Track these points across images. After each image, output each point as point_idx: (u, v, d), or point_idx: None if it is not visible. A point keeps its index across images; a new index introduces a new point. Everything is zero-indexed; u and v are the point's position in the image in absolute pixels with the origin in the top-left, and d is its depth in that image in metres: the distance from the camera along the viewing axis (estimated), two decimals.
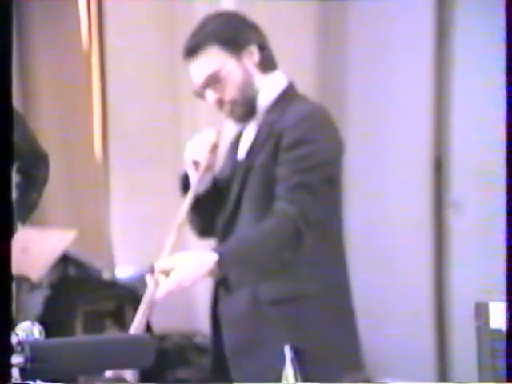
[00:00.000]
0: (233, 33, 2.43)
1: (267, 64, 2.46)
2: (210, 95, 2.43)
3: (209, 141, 2.43)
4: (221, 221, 2.47)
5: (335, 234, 2.48)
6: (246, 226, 2.40)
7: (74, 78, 4.34)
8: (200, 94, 2.47)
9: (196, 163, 2.42)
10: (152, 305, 2.12)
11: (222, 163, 2.60)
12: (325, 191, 2.36)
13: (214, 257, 2.20)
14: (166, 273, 2.17)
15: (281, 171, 2.35)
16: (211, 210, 2.39)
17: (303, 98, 2.49)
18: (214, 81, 2.41)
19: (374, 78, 4.75)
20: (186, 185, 2.47)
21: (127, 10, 4.44)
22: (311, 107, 2.47)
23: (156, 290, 2.15)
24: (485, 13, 4.15)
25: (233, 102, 2.42)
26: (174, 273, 2.16)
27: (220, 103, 2.43)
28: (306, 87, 2.55)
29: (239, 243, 2.34)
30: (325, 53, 4.92)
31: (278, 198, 2.33)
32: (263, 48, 2.45)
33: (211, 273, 2.22)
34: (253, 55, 2.43)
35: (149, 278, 2.19)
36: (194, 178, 2.43)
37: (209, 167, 2.45)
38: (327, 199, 2.38)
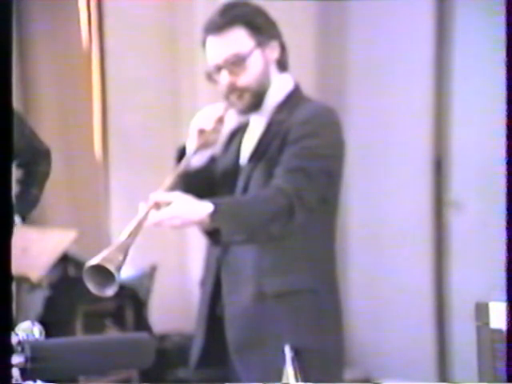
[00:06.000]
0: (262, 23, 2.45)
1: (282, 64, 2.50)
2: (224, 77, 2.42)
3: (217, 112, 2.45)
4: None
5: (331, 228, 2.50)
6: None
7: (74, 77, 4.34)
8: (211, 76, 2.46)
9: (201, 131, 2.43)
10: (137, 231, 2.08)
11: (221, 153, 2.61)
12: (322, 181, 2.39)
13: (210, 207, 2.23)
14: (159, 206, 2.19)
15: (282, 158, 2.39)
16: (197, 189, 2.38)
17: (310, 100, 2.53)
18: (235, 62, 2.40)
19: (373, 79, 4.75)
20: (182, 157, 2.47)
21: (127, 9, 4.44)
22: (318, 107, 2.51)
23: (145, 219, 2.14)
24: (485, 12, 4.15)
25: (245, 90, 2.43)
26: (170, 207, 2.19)
27: (231, 88, 2.43)
28: (306, 87, 2.56)
29: (234, 202, 2.39)
30: (325, 53, 4.93)
31: (275, 178, 2.37)
32: (283, 48, 2.49)
33: (203, 222, 2.25)
34: (274, 51, 2.46)
35: (142, 205, 2.18)
36: (192, 147, 2.43)
37: (211, 139, 2.45)
38: (323, 189, 2.40)
